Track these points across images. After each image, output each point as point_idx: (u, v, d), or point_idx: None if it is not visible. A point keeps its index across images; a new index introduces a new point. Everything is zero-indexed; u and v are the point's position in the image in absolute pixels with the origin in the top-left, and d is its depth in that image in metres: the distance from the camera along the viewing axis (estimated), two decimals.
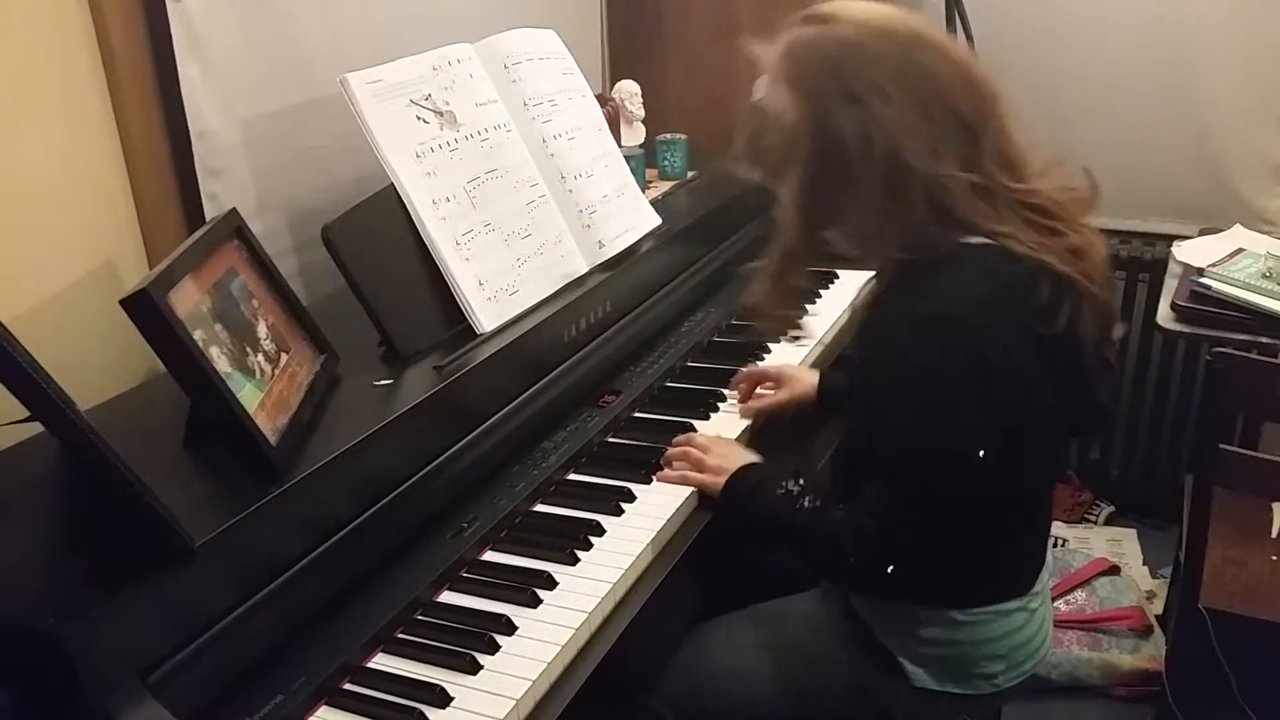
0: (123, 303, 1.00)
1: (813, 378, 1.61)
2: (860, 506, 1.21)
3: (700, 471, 1.37)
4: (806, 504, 1.26)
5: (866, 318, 1.25)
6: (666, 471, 1.40)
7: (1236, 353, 1.65)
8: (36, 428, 1.14)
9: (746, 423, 1.56)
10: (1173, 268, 2.07)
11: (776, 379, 1.61)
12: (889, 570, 1.20)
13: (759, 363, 1.71)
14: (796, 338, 1.37)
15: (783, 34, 1.21)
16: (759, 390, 1.62)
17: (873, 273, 1.32)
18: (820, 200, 1.18)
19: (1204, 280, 1.91)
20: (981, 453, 1.12)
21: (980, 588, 1.26)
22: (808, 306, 1.96)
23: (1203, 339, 1.92)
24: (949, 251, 1.15)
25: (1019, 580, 1.30)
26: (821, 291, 2.03)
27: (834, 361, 1.81)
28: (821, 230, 1.22)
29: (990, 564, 1.26)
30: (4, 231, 1.25)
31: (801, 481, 1.29)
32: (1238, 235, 2.18)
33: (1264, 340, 1.80)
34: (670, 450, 1.42)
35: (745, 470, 1.35)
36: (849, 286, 2.05)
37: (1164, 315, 1.92)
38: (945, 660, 1.27)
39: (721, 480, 1.34)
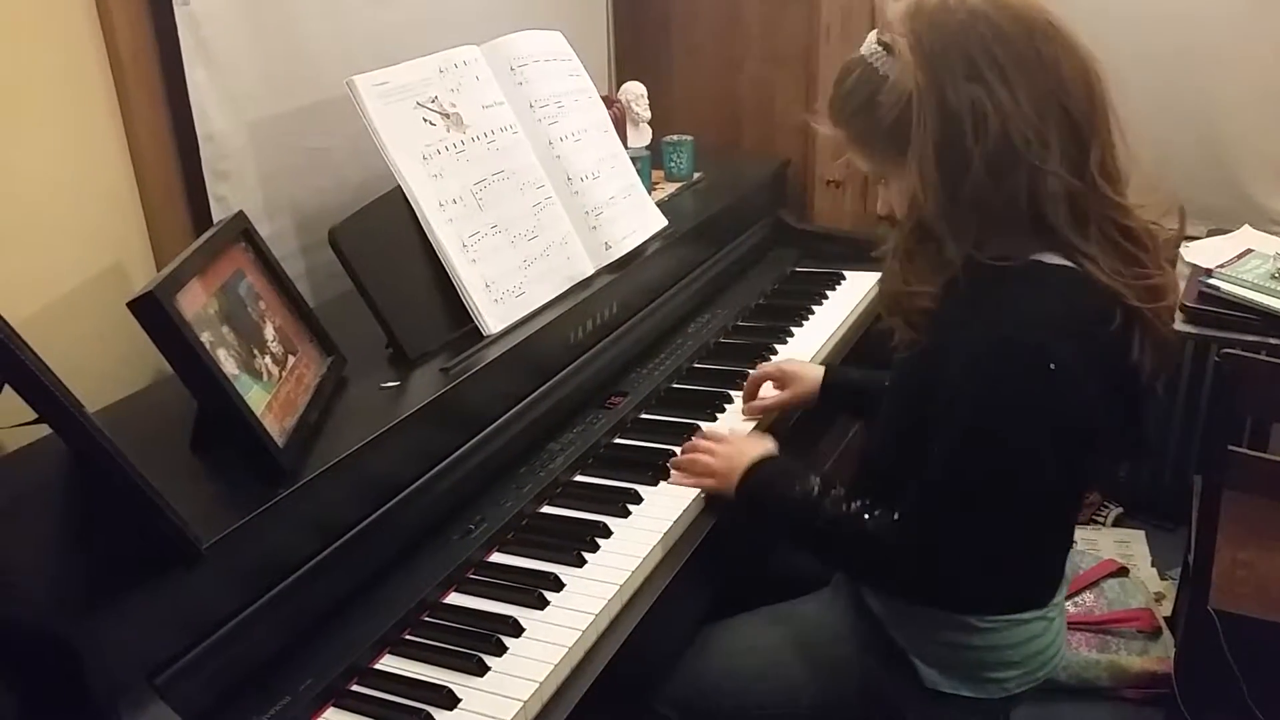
0: (130, 305, 1.00)
1: (817, 374, 1.59)
2: (895, 513, 1.19)
3: (711, 475, 1.36)
4: (829, 505, 1.24)
5: (932, 328, 1.18)
6: (677, 475, 1.39)
7: (1245, 354, 1.64)
8: (44, 429, 1.15)
9: (753, 423, 1.56)
10: (1181, 268, 2.06)
11: (780, 377, 1.60)
12: (921, 581, 1.19)
13: (764, 366, 1.69)
14: (917, 327, 1.22)
15: None
16: (763, 390, 1.61)
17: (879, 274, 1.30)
18: (940, 172, 1.11)
19: (1212, 281, 1.91)
20: (1037, 478, 1.12)
21: (1006, 599, 1.25)
22: (814, 308, 1.96)
23: (1211, 340, 1.91)
24: (1024, 268, 1.12)
25: (1043, 592, 1.29)
26: (828, 292, 2.03)
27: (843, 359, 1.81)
28: (953, 201, 1.11)
29: (1020, 577, 1.25)
30: (12, 234, 1.25)
31: (819, 480, 1.27)
32: (1246, 236, 2.17)
33: (1273, 341, 1.79)
34: (680, 456, 1.41)
35: (756, 467, 1.33)
36: (856, 288, 2.05)
37: None
38: (960, 664, 1.27)
39: (733, 480, 1.33)
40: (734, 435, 1.46)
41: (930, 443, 1.15)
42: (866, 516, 1.22)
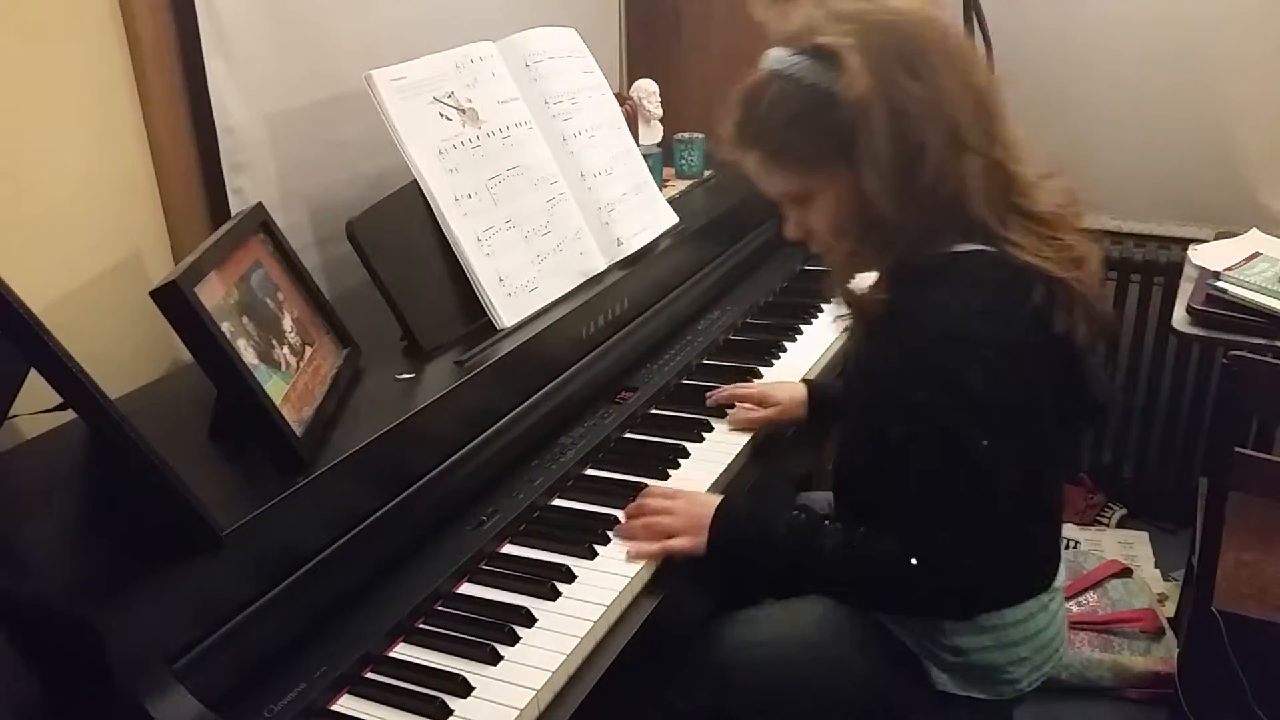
0: (153, 294, 1.02)
1: (798, 391, 1.56)
2: (886, 532, 1.19)
3: (674, 534, 1.25)
4: (827, 540, 1.21)
5: (866, 334, 1.24)
6: (638, 546, 1.25)
7: (1252, 356, 1.65)
8: (61, 418, 1.17)
9: (746, 438, 1.52)
10: (1188, 271, 2.07)
11: (760, 400, 1.56)
12: (935, 596, 1.20)
13: (745, 386, 1.64)
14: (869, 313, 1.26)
15: (816, 3, 1.17)
16: (741, 407, 1.57)
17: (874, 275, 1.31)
18: (897, 177, 1.12)
19: (1220, 284, 1.92)
20: (1011, 463, 1.13)
21: (1006, 589, 1.26)
22: (823, 306, 1.97)
23: (1218, 342, 1.92)
24: (941, 260, 1.16)
25: (1042, 576, 1.30)
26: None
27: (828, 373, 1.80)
28: (908, 199, 1.13)
29: (1015, 563, 1.25)
30: (33, 224, 1.26)
31: (804, 515, 1.25)
32: (1254, 239, 2.18)
33: (1279, 344, 1.80)
34: (630, 522, 1.29)
35: (722, 512, 1.25)
36: (864, 287, 2.06)
37: (1179, 319, 1.92)
38: (972, 667, 1.27)
39: (703, 534, 1.24)
40: (680, 490, 1.35)
41: (900, 455, 1.16)
42: (867, 543, 1.20)
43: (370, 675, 1.07)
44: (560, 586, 1.19)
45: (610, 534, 1.28)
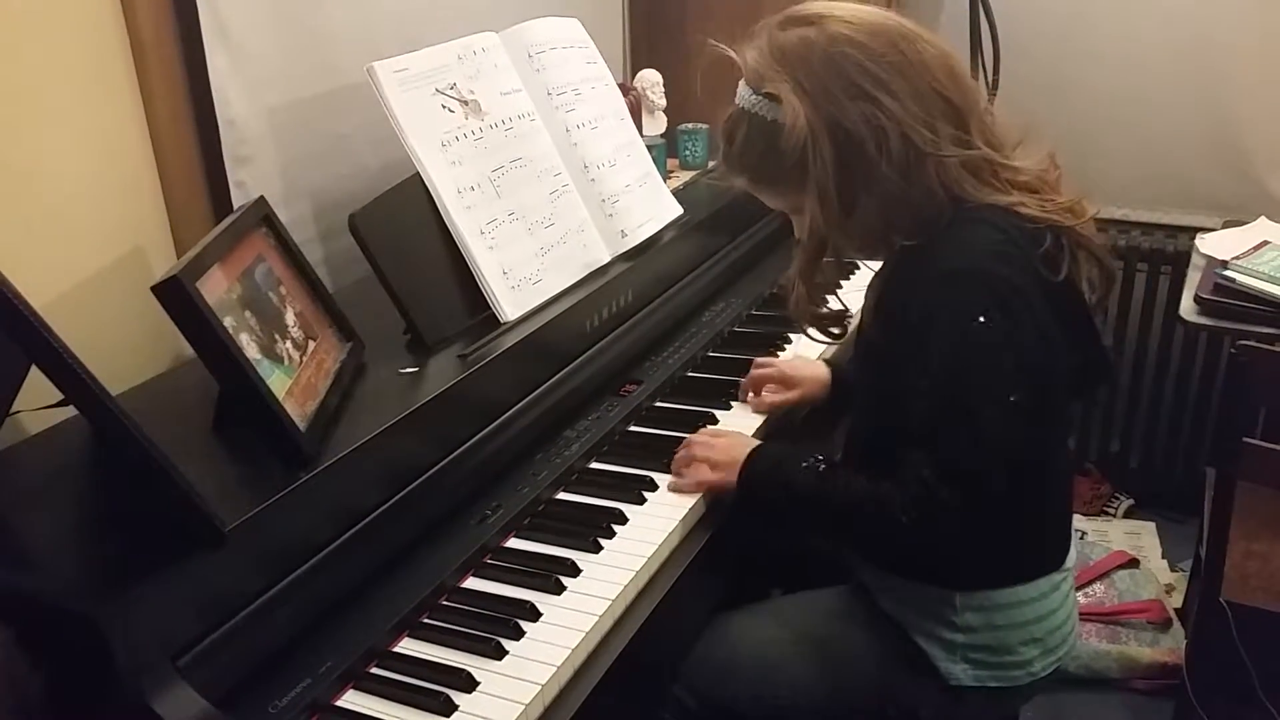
0: (154, 289, 1.01)
1: (821, 371, 1.58)
2: (896, 479, 1.18)
3: (713, 466, 1.34)
4: (839, 484, 1.24)
5: (877, 298, 1.28)
6: (678, 480, 1.36)
7: (1260, 345, 1.64)
8: (63, 414, 1.16)
9: (761, 419, 1.54)
10: (1196, 260, 2.06)
11: (783, 380, 1.58)
12: (941, 539, 1.18)
13: (765, 361, 1.65)
14: (834, 333, 1.43)
15: (763, 38, 1.23)
16: (766, 390, 1.58)
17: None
18: (841, 195, 1.19)
19: (1228, 273, 1.91)
20: (1014, 400, 1.14)
21: (1019, 560, 1.27)
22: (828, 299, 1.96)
23: (1226, 332, 1.91)
24: (951, 219, 1.19)
25: (1055, 552, 1.31)
26: (842, 282, 2.03)
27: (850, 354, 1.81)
28: (847, 221, 1.22)
29: (1029, 533, 1.27)
30: (35, 219, 1.26)
31: (821, 457, 1.27)
32: (1263, 228, 2.17)
33: None
34: (676, 457, 1.39)
35: (756, 454, 1.33)
36: (870, 278, 2.05)
37: (1187, 308, 1.91)
38: (983, 649, 1.27)
39: (735, 471, 1.32)
40: (725, 431, 1.45)
41: (912, 400, 1.17)
42: (875, 489, 1.20)
43: (375, 670, 1.07)
44: (565, 581, 1.19)
45: (615, 528, 1.28)
